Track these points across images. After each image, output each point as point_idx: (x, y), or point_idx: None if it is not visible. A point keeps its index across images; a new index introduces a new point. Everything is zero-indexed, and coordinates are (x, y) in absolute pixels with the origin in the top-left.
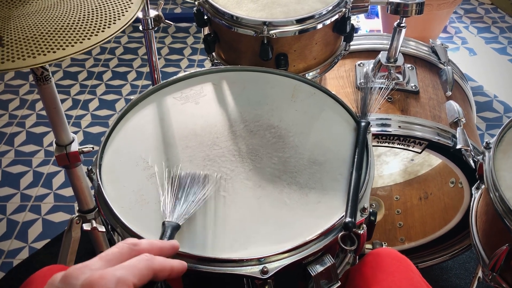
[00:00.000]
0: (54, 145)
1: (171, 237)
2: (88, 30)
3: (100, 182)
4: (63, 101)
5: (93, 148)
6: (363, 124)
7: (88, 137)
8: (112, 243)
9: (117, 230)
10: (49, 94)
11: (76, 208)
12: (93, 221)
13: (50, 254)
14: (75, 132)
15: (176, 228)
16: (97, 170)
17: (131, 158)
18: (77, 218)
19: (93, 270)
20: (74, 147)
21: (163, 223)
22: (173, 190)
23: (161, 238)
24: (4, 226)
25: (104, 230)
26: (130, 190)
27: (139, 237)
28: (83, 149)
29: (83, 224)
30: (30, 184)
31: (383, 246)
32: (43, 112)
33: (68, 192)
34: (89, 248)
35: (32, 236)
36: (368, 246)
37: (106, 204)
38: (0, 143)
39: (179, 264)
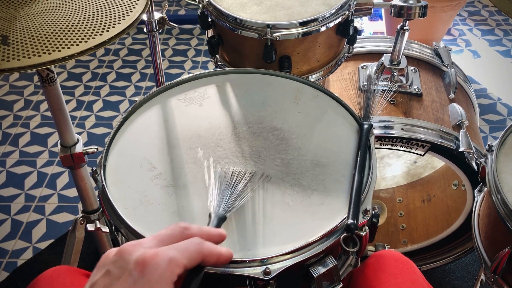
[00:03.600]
0: (59, 146)
1: (217, 226)
2: (93, 29)
3: (104, 183)
4: (67, 102)
5: (97, 149)
6: (365, 126)
7: (92, 138)
8: (115, 244)
9: (121, 230)
10: (54, 95)
11: (80, 208)
12: (97, 222)
13: (54, 254)
14: (79, 133)
15: (223, 219)
16: (102, 171)
17: (135, 159)
18: (81, 218)
19: (147, 248)
20: (79, 148)
21: (210, 215)
22: (220, 184)
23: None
24: (9, 226)
25: (108, 230)
26: (134, 191)
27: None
28: (88, 150)
29: (87, 225)
30: (35, 184)
31: (386, 248)
32: (48, 113)
33: (72, 192)
34: (93, 248)
35: (36, 236)
36: (371, 248)
37: (110, 204)
38: (5, 143)
39: (226, 252)
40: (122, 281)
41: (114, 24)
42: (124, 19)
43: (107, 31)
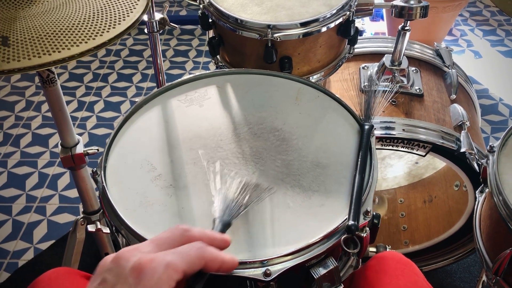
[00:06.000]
0: (60, 146)
1: (221, 232)
2: (93, 30)
3: (104, 183)
4: (68, 103)
5: (98, 150)
6: (366, 127)
7: (93, 139)
8: (116, 244)
9: (122, 231)
10: (55, 96)
11: (81, 209)
12: (98, 223)
13: (55, 255)
14: (80, 134)
15: (227, 225)
16: (102, 172)
17: (136, 160)
18: (81, 219)
19: (144, 253)
20: (79, 148)
21: (214, 220)
22: (225, 191)
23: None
24: (10, 227)
25: (108, 231)
26: (134, 192)
27: (143, 239)
28: (88, 151)
29: (88, 226)
30: (36, 185)
31: (387, 249)
32: (49, 114)
33: (73, 193)
34: (93, 249)
35: (37, 237)
36: (372, 249)
37: (110, 205)
38: (6, 144)
39: (230, 259)
40: None
41: (114, 25)
42: (124, 20)
43: (107, 32)
